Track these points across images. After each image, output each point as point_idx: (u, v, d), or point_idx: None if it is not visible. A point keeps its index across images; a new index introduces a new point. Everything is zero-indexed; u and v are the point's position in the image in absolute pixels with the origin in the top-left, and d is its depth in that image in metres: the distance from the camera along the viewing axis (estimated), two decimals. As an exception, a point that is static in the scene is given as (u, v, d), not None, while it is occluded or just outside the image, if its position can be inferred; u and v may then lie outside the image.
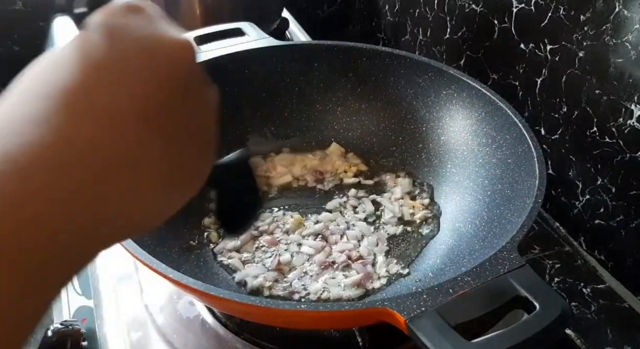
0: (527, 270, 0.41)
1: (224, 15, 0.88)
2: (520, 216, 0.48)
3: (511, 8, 0.75)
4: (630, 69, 0.60)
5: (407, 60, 0.69)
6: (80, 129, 0.22)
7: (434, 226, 0.64)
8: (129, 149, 0.24)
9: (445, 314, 0.38)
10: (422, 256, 0.61)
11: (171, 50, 0.26)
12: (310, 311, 0.43)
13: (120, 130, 0.23)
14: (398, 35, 1.07)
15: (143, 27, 0.26)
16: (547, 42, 0.71)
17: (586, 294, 0.64)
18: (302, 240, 0.62)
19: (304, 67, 0.72)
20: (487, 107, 0.62)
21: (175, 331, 0.55)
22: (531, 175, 0.52)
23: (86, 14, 0.26)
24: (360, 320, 0.45)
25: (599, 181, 0.67)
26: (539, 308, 0.38)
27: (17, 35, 1.18)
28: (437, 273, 0.59)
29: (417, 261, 0.61)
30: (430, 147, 0.69)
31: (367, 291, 0.57)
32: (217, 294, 0.42)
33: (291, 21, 1.08)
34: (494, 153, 0.61)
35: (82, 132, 0.22)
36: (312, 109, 0.74)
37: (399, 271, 0.59)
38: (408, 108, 0.71)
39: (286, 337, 0.53)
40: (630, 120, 0.61)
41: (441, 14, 0.91)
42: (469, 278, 0.41)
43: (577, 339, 0.58)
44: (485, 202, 0.60)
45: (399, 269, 0.60)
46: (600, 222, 0.69)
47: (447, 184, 0.67)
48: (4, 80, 1.02)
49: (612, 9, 0.61)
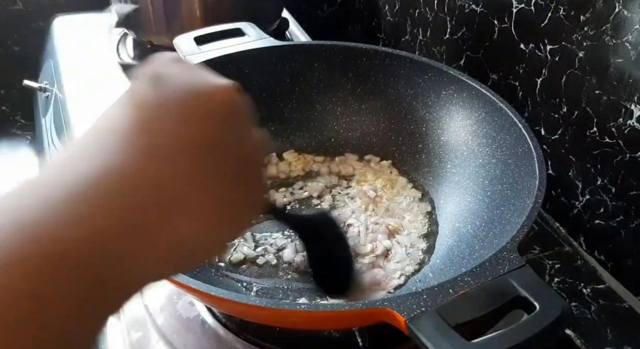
0: (527, 270, 0.41)
1: (224, 15, 0.88)
2: (520, 216, 0.48)
3: (511, 8, 0.75)
4: (630, 69, 0.60)
5: (407, 60, 0.69)
6: (134, 163, 0.24)
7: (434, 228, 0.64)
8: (173, 185, 0.25)
9: (445, 314, 0.38)
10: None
11: (214, 92, 0.27)
12: (310, 311, 0.43)
13: (167, 166, 0.25)
14: (398, 35, 1.07)
15: (187, 74, 0.28)
16: (547, 42, 0.71)
17: (586, 294, 0.64)
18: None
19: (304, 67, 0.72)
20: (487, 107, 0.62)
21: (175, 331, 0.55)
22: (531, 175, 0.52)
23: (133, 65, 0.28)
24: (360, 320, 0.45)
25: (599, 181, 0.67)
26: (539, 308, 0.38)
27: (17, 35, 1.18)
28: (437, 273, 0.59)
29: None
30: (430, 147, 0.69)
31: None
32: (217, 294, 0.42)
33: (291, 21, 1.08)
34: (494, 153, 0.61)
35: (134, 166, 0.24)
36: (312, 109, 0.74)
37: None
38: (408, 108, 0.71)
39: (286, 337, 0.53)
40: (630, 120, 0.61)
41: (441, 14, 0.91)
42: (469, 278, 0.41)
43: (577, 339, 0.58)
44: (485, 202, 0.60)
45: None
46: (600, 222, 0.69)
47: (447, 184, 0.67)
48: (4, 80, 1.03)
49: (612, 9, 0.61)
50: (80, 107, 0.85)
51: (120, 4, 0.90)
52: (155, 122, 0.25)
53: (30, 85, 0.99)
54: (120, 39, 1.02)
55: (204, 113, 0.26)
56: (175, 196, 0.25)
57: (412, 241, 0.63)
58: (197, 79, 0.28)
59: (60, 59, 0.97)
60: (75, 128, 0.81)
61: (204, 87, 0.27)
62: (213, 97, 0.27)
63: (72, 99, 0.87)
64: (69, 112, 0.85)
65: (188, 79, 0.27)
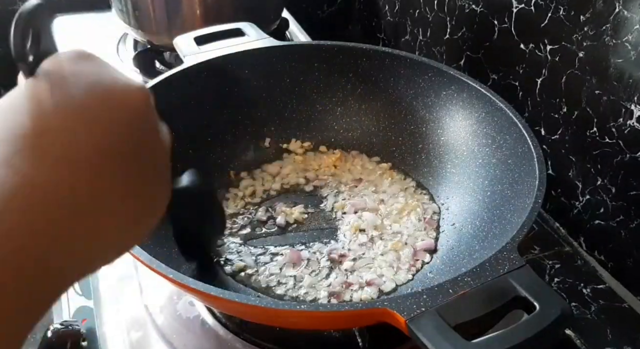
0: (527, 270, 0.41)
1: (224, 15, 0.88)
2: (520, 216, 0.48)
3: (511, 8, 0.75)
4: (630, 69, 0.60)
5: (407, 60, 0.69)
6: (41, 172, 0.23)
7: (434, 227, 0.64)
8: (87, 191, 0.25)
9: (445, 314, 0.38)
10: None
11: (124, 94, 0.27)
12: (310, 311, 0.43)
13: (77, 173, 0.24)
14: (398, 35, 1.07)
15: (95, 73, 0.27)
16: (547, 42, 0.71)
17: (586, 294, 0.64)
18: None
19: (304, 67, 0.72)
20: (487, 107, 0.62)
21: (175, 331, 0.55)
22: (531, 175, 0.52)
23: (35, 63, 0.27)
24: (360, 320, 0.45)
25: (599, 181, 0.67)
26: (539, 308, 0.38)
27: (17, 35, 1.18)
28: (437, 272, 0.59)
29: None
30: (430, 147, 0.69)
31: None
32: (217, 294, 0.41)
33: (291, 21, 1.08)
34: (494, 153, 0.61)
35: (42, 175, 0.23)
36: (312, 109, 0.74)
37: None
38: (408, 108, 0.71)
39: (286, 337, 0.53)
40: (630, 120, 0.61)
41: (441, 14, 0.91)
42: (469, 278, 0.41)
43: (577, 339, 0.58)
44: (485, 202, 0.60)
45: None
46: (600, 222, 0.69)
47: (447, 185, 0.67)
48: (4, 80, 1.03)
49: (612, 9, 0.61)
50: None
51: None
52: (58, 128, 0.24)
53: (30, 86, 0.99)
54: (120, 39, 1.02)
55: (112, 114, 0.26)
56: (86, 205, 0.25)
57: (412, 241, 0.62)
58: (104, 79, 0.27)
59: (60, 59, 0.97)
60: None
61: (110, 87, 0.27)
62: (126, 101, 0.27)
63: (72, 99, 0.87)
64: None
65: (94, 79, 0.26)
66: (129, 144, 0.27)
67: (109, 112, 0.26)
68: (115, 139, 0.26)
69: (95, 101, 0.26)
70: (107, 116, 0.26)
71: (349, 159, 0.73)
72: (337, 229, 0.64)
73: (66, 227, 0.24)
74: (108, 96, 0.26)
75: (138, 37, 0.92)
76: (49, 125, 0.24)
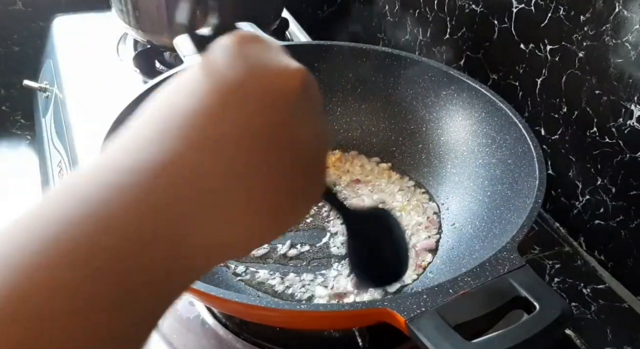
0: (527, 270, 0.41)
1: (224, 15, 0.88)
2: (520, 216, 0.48)
3: (511, 8, 0.75)
4: (630, 69, 0.60)
5: (407, 60, 0.69)
6: (187, 155, 0.23)
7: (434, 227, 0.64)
8: (234, 177, 0.24)
9: (445, 314, 0.38)
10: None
11: (285, 78, 0.26)
12: (310, 311, 0.43)
13: (227, 158, 0.24)
14: (398, 35, 1.07)
15: (262, 57, 0.27)
16: (547, 42, 0.70)
17: (586, 294, 0.64)
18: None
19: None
20: (487, 107, 0.62)
21: (175, 331, 0.55)
22: (531, 175, 0.52)
23: (210, 38, 0.27)
24: (360, 320, 0.45)
25: (599, 181, 0.67)
26: (539, 308, 0.38)
27: (17, 35, 1.18)
28: (437, 272, 0.59)
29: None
30: (430, 147, 0.69)
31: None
32: (217, 294, 0.42)
33: (291, 21, 1.08)
34: (494, 153, 0.61)
35: (188, 157, 0.23)
36: (312, 109, 0.74)
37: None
38: (408, 108, 0.71)
39: (286, 337, 0.53)
40: (630, 120, 0.61)
41: (441, 14, 0.91)
42: (469, 278, 0.41)
43: (577, 339, 0.58)
44: (485, 202, 0.60)
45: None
46: (600, 222, 0.69)
47: (447, 185, 0.67)
48: (4, 80, 1.03)
49: (612, 9, 0.61)
50: (80, 107, 0.85)
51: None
52: (230, 109, 0.24)
53: (30, 86, 0.99)
54: (120, 39, 1.02)
55: (275, 101, 0.25)
56: (230, 191, 0.24)
57: (413, 241, 0.62)
58: (271, 64, 0.26)
59: (60, 59, 0.97)
60: (75, 128, 0.81)
61: (278, 73, 0.26)
62: (285, 84, 0.26)
63: (72, 99, 0.87)
64: (69, 112, 0.85)
65: (263, 63, 0.26)
66: (290, 127, 0.26)
67: (265, 96, 0.25)
68: (277, 122, 0.25)
69: (256, 84, 0.25)
70: (263, 100, 0.25)
71: (349, 159, 0.73)
72: (336, 232, 0.64)
73: (202, 211, 0.23)
74: (268, 79, 0.26)
75: (138, 37, 0.92)
76: (218, 107, 0.24)
